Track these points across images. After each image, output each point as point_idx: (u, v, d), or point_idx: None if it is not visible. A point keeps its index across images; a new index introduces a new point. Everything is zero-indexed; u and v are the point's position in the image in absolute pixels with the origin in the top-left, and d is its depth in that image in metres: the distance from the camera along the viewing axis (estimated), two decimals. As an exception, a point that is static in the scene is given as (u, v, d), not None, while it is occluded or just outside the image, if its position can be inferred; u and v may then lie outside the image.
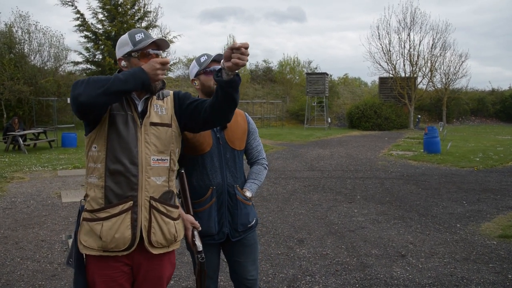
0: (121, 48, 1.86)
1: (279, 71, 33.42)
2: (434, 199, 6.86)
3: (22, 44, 22.93)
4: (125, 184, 1.78)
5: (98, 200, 1.78)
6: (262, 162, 2.48)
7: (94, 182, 1.80)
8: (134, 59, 1.83)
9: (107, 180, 1.77)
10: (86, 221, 1.79)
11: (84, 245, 1.79)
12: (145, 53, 1.83)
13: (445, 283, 3.60)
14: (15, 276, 3.79)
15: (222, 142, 2.28)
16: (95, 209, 1.78)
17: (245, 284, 2.40)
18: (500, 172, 9.47)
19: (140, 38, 1.83)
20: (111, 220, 1.75)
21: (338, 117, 29.74)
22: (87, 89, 1.63)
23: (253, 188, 2.38)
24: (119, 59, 1.87)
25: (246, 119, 2.43)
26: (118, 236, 1.76)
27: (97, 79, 1.67)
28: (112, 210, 1.76)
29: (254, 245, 2.42)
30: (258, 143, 2.48)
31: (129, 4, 19.41)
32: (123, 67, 1.86)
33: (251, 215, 2.36)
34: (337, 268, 3.96)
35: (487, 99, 32.03)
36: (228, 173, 2.28)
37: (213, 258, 2.34)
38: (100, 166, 1.78)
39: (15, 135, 13.34)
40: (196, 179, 2.25)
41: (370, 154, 13.04)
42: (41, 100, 20.48)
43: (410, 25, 26.48)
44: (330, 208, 6.33)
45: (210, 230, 2.24)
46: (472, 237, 4.87)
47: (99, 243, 1.76)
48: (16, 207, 6.37)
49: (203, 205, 2.23)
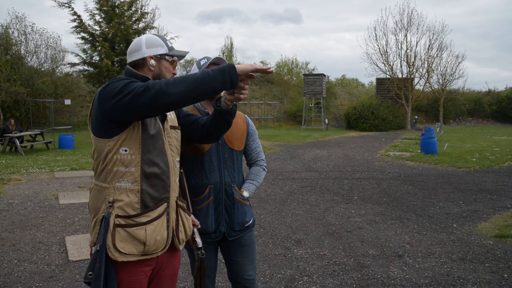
0: (152, 48, 1.85)
1: (277, 72, 33.47)
2: (431, 200, 6.88)
3: (19, 46, 22.83)
4: (161, 187, 1.81)
5: (133, 205, 1.73)
6: (261, 163, 2.51)
7: (127, 187, 1.73)
8: (167, 62, 1.88)
9: (142, 184, 1.75)
10: (122, 227, 1.71)
11: (122, 252, 1.70)
12: (173, 61, 1.90)
13: (442, 283, 3.62)
14: (12, 278, 3.78)
15: (221, 142, 2.31)
16: (132, 215, 1.72)
17: (242, 284, 2.42)
18: (496, 173, 9.51)
19: (172, 46, 1.91)
20: (153, 224, 1.76)
21: (336, 118, 29.80)
22: (177, 89, 1.60)
23: (251, 189, 2.41)
24: (150, 57, 1.84)
25: (245, 121, 2.47)
26: (159, 238, 1.79)
27: (184, 78, 1.63)
28: (152, 213, 1.76)
29: (251, 245, 2.44)
30: (257, 145, 2.51)
31: (127, 5, 19.39)
32: (151, 65, 1.85)
33: (248, 214, 2.38)
34: (334, 269, 3.97)
35: (483, 100, 32.18)
36: (226, 173, 2.31)
37: (211, 257, 2.37)
38: (134, 170, 1.74)
39: (12, 137, 13.31)
40: (195, 178, 2.29)
41: (367, 155, 13.08)
42: (38, 101, 20.42)
43: (407, 26, 26.64)
44: (328, 208, 6.35)
45: (207, 228, 2.27)
46: (468, 237, 4.89)
47: (140, 247, 1.73)
48: (13, 209, 6.35)
49: (200, 204, 2.27)
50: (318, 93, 25.53)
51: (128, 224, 1.72)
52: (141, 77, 1.82)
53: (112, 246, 1.69)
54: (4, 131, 13.88)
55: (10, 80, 19.89)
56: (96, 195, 1.78)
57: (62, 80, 23.16)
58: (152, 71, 1.85)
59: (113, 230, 1.70)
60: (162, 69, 1.87)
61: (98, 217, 1.75)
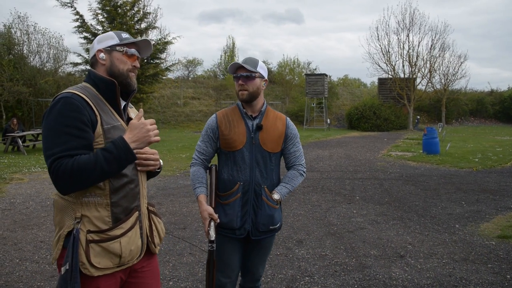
0: (102, 42, 1.78)
1: (279, 72, 33.47)
2: (433, 200, 6.86)
3: (21, 45, 22.92)
4: (131, 197, 1.76)
5: (104, 219, 1.67)
6: (298, 168, 2.52)
7: (96, 201, 1.67)
8: (118, 53, 1.76)
9: (112, 197, 1.69)
10: (96, 243, 1.65)
11: (98, 267, 1.65)
12: (128, 53, 1.78)
13: (444, 284, 3.60)
14: (14, 277, 3.78)
15: (255, 142, 2.35)
16: (104, 229, 1.66)
17: (249, 277, 2.55)
18: (499, 173, 9.48)
19: (126, 37, 1.81)
20: (127, 235, 1.72)
21: (338, 118, 29.76)
22: (73, 185, 1.56)
23: (283, 192, 2.44)
24: (99, 50, 1.76)
25: (285, 124, 2.47)
26: (134, 248, 1.76)
27: (80, 171, 1.55)
28: (125, 225, 1.72)
29: (269, 248, 2.53)
30: (297, 149, 2.50)
31: (129, 5, 19.42)
32: (101, 59, 1.76)
33: (275, 218, 2.42)
34: (336, 269, 3.96)
35: (486, 100, 32.08)
36: (257, 172, 2.35)
37: (233, 254, 2.42)
38: (103, 184, 1.66)
39: (14, 136, 13.34)
40: (227, 173, 2.36)
41: (369, 155, 13.05)
42: (40, 101, 20.47)
43: (409, 26, 26.58)
44: (329, 209, 6.34)
45: (231, 224, 2.33)
46: (471, 238, 4.87)
47: (116, 260, 1.70)
48: (15, 208, 6.37)
49: (228, 198, 2.34)
50: (320, 93, 25.50)
51: (102, 239, 1.66)
52: (99, 77, 1.74)
53: (87, 262, 1.63)
54: (6, 131, 13.92)
55: (13, 79, 19.96)
56: (61, 209, 1.69)
57: (64, 80, 23.20)
58: (103, 65, 1.76)
59: (86, 246, 1.63)
60: (114, 60, 1.76)
61: (62, 232, 1.67)
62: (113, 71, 1.75)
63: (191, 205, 6.46)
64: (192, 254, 4.37)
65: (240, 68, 2.32)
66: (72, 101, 1.60)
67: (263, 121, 2.37)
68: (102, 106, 1.70)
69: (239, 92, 2.32)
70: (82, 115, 1.60)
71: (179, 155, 12.70)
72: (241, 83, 2.29)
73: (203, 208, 2.28)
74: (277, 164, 2.46)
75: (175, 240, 4.82)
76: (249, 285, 2.57)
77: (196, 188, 2.36)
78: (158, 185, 8.17)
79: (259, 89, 2.34)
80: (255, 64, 2.31)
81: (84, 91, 1.68)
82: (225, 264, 2.39)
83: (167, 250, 4.47)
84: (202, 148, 2.43)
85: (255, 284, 2.58)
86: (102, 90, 1.74)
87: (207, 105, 29.47)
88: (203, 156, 2.43)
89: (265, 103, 2.44)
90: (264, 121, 2.38)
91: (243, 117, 2.38)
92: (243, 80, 2.29)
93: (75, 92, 1.65)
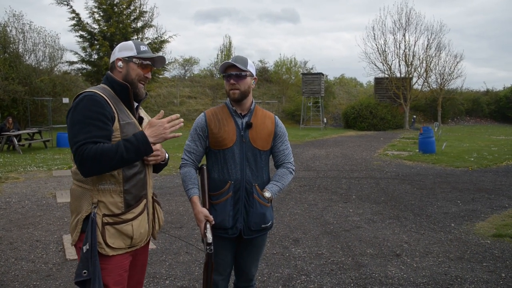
0: (123, 51, 2.01)
1: (275, 71, 33.45)
2: (429, 199, 6.89)
3: (17, 44, 22.76)
4: (140, 185, 2.00)
5: (118, 204, 1.91)
6: (288, 166, 2.51)
7: (110, 188, 1.91)
8: (134, 64, 1.99)
9: (125, 185, 1.93)
10: (111, 225, 1.89)
11: (112, 247, 1.89)
12: (145, 64, 2.00)
13: (440, 282, 3.62)
14: (10, 276, 3.77)
15: (245, 140, 2.35)
16: (118, 213, 1.91)
17: (243, 277, 2.54)
18: (494, 172, 9.53)
19: (144, 50, 2.03)
20: (138, 219, 1.98)
21: (334, 117, 29.80)
22: (94, 168, 1.78)
23: (274, 190, 2.42)
24: (118, 59, 2.00)
25: (274, 122, 2.48)
26: (143, 231, 2.02)
27: (103, 155, 1.76)
28: (136, 210, 1.97)
29: (261, 247, 2.52)
30: (285, 147, 2.50)
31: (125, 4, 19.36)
32: (119, 67, 2.00)
33: (267, 216, 2.40)
34: (332, 268, 3.97)
35: (481, 99, 32.21)
36: (248, 171, 2.34)
37: (226, 253, 2.41)
38: (117, 172, 1.90)
39: (9, 135, 13.26)
40: (217, 172, 2.35)
41: (365, 154, 13.08)
42: (36, 100, 20.36)
43: (405, 25, 26.61)
44: (326, 208, 6.35)
45: (223, 223, 2.31)
46: (466, 237, 4.90)
47: (128, 241, 1.94)
48: (11, 207, 6.33)
49: (219, 198, 2.32)
50: (316, 92, 25.53)
51: (116, 222, 1.91)
52: (115, 81, 1.98)
53: (104, 243, 1.87)
54: (2, 130, 13.83)
55: (8, 78, 19.82)
56: (79, 196, 1.92)
57: (60, 79, 23.07)
58: (120, 72, 2.00)
59: (102, 228, 1.87)
60: (129, 70, 1.99)
61: (80, 217, 1.89)
62: (127, 79, 2.00)
63: (187, 204, 6.46)
64: (188, 253, 4.37)
65: (230, 67, 2.31)
66: (96, 98, 1.85)
67: (252, 119, 2.37)
68: (118, 105, 1.95)
69: (230, 91, 2.31)
70: (104, 110, 1.84)
71: (175, 154, 12.67)
72: (232, 82, 2.29)
73: (197, 210, 2.26)
74: (266, 163, 2.46)
75: (172, 239, 4.82)
76: (243, 284, 2.56)
77: (189, 190, 2.33)
78: (154, 184, 8.11)
79: (250, 88, 2.36)
80: (245, 63, 2.31)
81: (104, 91, 1.92)
82: (218, 263, 2.38)
83: (163, 249, 4.46)
84: (192, 148, 2.40)
85: (249, 284, 2.56)
86: (118, 91, 1.98)
87: (203, 104, 29.42)
88: (193, 156, 2.39)
89: (253, 102, 2.44)
90: (254, 119, 2.38)
91: (232, 115, 2.37)
92: (234, 79, 2.29)
93: (97, 92, 1.89)
